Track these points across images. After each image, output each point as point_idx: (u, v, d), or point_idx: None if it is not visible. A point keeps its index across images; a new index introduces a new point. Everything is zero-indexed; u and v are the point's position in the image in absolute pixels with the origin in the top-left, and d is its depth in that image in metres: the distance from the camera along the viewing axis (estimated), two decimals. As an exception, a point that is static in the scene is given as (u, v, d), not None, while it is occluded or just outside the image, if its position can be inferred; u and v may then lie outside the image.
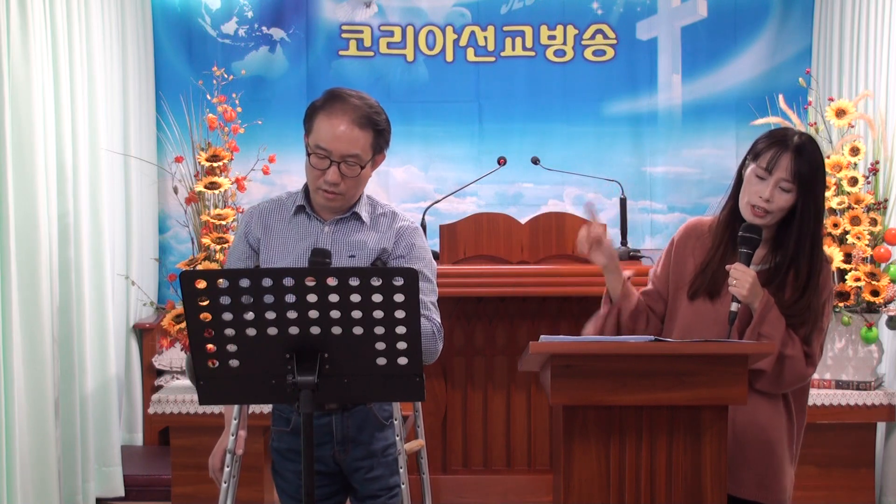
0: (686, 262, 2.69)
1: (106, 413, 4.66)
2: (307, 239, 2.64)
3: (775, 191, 2.55)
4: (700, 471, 2.41)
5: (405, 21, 5.83)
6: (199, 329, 2.14)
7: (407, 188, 5.83)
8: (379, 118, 2.66)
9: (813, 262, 2.58)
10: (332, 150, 2.58)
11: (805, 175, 2.54)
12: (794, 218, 2.57)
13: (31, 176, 3.97)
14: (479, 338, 4.10)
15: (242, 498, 4.01)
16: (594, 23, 5.81)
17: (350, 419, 2.68)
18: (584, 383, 2.38)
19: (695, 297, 2.64)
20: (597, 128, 5.76)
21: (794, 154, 2.54)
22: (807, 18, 5.65)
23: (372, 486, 2.71)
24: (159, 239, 5.65)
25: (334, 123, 2.59)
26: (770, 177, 2.55)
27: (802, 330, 2.57)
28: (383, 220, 2.71)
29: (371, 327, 2.13)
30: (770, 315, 2.54)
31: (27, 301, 3.91)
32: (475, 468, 4.11)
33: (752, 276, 2.54)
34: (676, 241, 2.74)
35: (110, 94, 4.97)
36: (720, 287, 2.61)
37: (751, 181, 2.59)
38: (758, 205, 2.56)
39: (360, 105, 2.62)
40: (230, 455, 2.73)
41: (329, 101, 2.63)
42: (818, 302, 2.59)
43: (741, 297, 2.53)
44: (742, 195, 2.61)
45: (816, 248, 2.59)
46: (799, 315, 2.57)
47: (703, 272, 2.64)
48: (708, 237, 2.69)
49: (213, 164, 4.44)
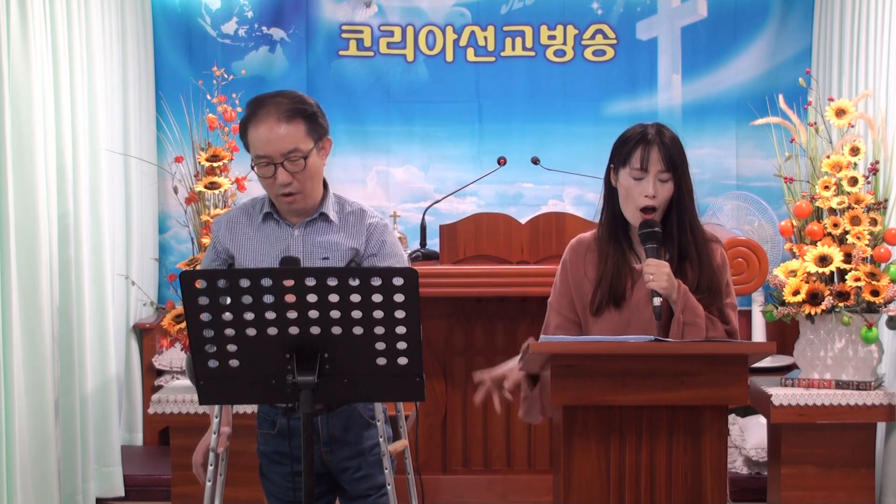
0: (581, 280, 2.71)
1: (106, 413, 4.67)
2: (279, 244, 2.65)
3: (657, 185, 2.59)
4: (700, 471, 2.41)
5: (405, 21, 5.83)
6: (199, 329, 2.14)
7: (407, 188, 5.83)
8: (305, 105, 2.65)
9: (697, 241, 2.64)
10: (271, 154, 2.58)
11: (676, 161, 2.60)
12: (673, 206, 2.63)
13: (31, 176, 3.97)
14: (480, 338, 4.10)
15: (242, 498, 4.01)
16: (594, 23, 5.81)
17: (335, 419, 2.68)
18: (585, 383, 2.39)
19: (600, 312, 2.66)
20: (597, 128, 5.76)
21: (660, 145, 2.60)
22: (807, 18, 5.65)
23: (361, 485, 2.72)
24: (159, 239, 5.65)
25: (262, 129, 2.58)
26: (647, 174, 2.60)
27: (714, 310, 2.62)
28: (352, 219, 2.71)
29: (371, 327, 2.14)
30: (689, 302, 2.58)
31: (27, 301, 3.91)
32: (475, 468, 4.10)
33: (666, 266, 2.57)
34: (568, 263, 2.76)
35: (110, 94, 4.97)
36: (622, 294, 2.65)
37: (629, 185, 2.62)
38: (646, 204, 2.60)
39: (282, 101, 2.62)
40: (213, 454, 2.73)
41: (252, 110, 2.63)
42: (719, 280, 2.64)
43: (661, 289, 2.55)
44: (625, 204, 2.64)
45: (696, 227, 2.65)
46: (705, 295, 2.61)
47: (601, 285, 2.67)
48: (595, 251, 2.71)
49: (213, 165, 4.43)
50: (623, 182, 2.64)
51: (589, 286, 2.69)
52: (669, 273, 2.56)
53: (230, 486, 3.22)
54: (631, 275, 2.65)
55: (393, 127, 5.83)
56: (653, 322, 2.57)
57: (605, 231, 2.71)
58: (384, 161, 5.83)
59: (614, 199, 2.68)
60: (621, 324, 2.64)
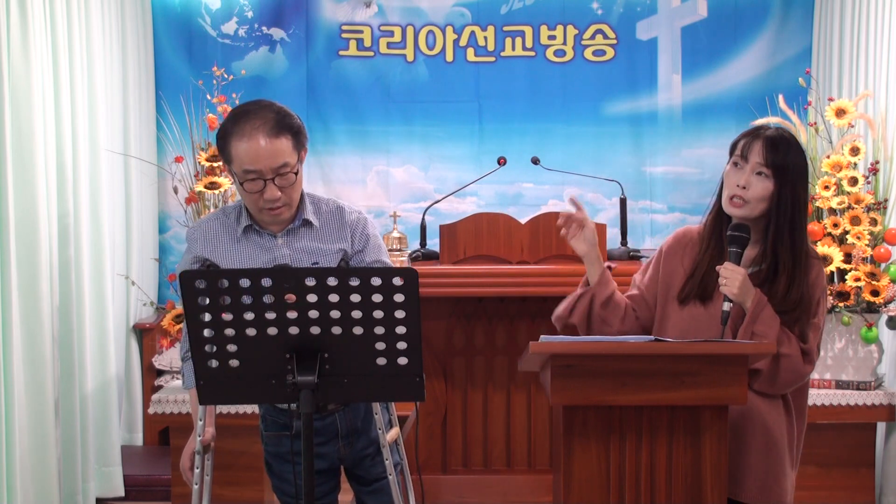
0: (676, 270, 2.69)
1: (106, 413, 4.66)
2: (264, 254, 2.63)
3: (752, 177, 2.55)
4: (700, 471, 2.41)
5: (405, 21, 5.83)
6: (199, 329, 2.14)
7: (407, 188, 5.83)
8: (290, 120, 2.59)
9: (795, 252, 2.57)
10: (262, 169, 2.53)
11: (780, 162, 2.54)
12: (772, 209, 2.57)
13: (31, 176, 3.97)
14: (480, 338, 4.10)
15: (242, 498, 4.02)
16: (594, 23, 5.81)
17: (351, 413, 2.72)
18: (585, 383, 2.39)
19: (686, 302, 2.64)
20: (597, 128, 5.76)
21: (767, 141, 2.56)
22: (807, 18, 5.65)
23: (377, 468, 2.78)
24: (159, 239, 5.65)
25: (252, 144, 2.52)
26: (745, 164, 2.57)
27: (797, 327, 2.56)
28: (332, 219, 2.70)
29: (371, 327, 2.13)
30: (763, 313, 2.53)
31: (27, 301, 3.91)
32: (475, 468, 4.10)
33: (741, 273, 2.53)
34: (665, 250, 2.74)
35: (110, 93, 4.97)
36: (711, 290, 2.61)
37: (729, 174, 2.61)
38: (735, 194, 2.56)
39: (268, 114, 2.56)
40: (199, 456, 2.73)
41: (236, 123, 2.56)
42: (810, 297, 2.57)
43: (732, 295, 2.53)
44: (723, 193, 2.62)
45: (798, 239, 2.58)
46: (791, 311, 2.56)
47: (693, 277, 2.64)
48: (697, 244, 2.69)
49: (213, 164, 4.44)
50: (726, 171, 2.62)
51: (682, 277, 2.66)
52: (744, 280, 2.53)
53: (231, 485, 3.24)
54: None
55: (393, 127, 5.83)
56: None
57: (709, 225, 2.68)
58: (384, 161, 5.83)
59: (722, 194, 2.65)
60: (702, 319, 2.61)
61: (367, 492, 2.83)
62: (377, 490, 2.80)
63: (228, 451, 3.90)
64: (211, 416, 2.79)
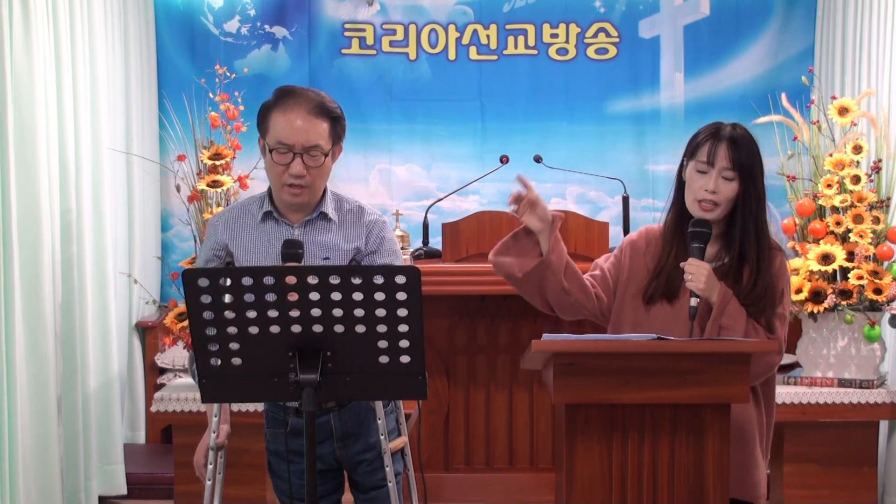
0: (639, 268, 2.71)
1: (108, 411, 4.67)
2: (279, 242, 2.63)
3: (719, 181, 2.58)
4: (703, 469, 2.41)
5: (407, 19, 5.82)
6: (202, 327, 2.14)
7: (409, 186, 5.83)
8: (333, 106, 2.66)
9: (760, 247, 2.62)
10: (294, 143, 2.59)
11: (744, 162, 2.58)
12: (738, 207, 2.61)
13: (33, 173, 3.97)
14: (482, 336, 4.10)
15: (244, 497, 4.01)
16: (596, 21, 5.80)
17: (347, 414, 2.70)
18: (587, 381, 2.39)
19: (652, 302, 2.66)
20: (599, 126, 5.76)
21: (730, 143, 2.59)
22: (809, 16, 5.64)
23: (375, 476, 2.75)
24: (162, 237, 5.65)
25: (291, 118, 2.60)
26: (712, 169, 2.59)
27: (763, 318, 2.60)
28: (350, 217, 2.72)
29: (373, 325, 2.13)
30: (729, 307, 2.56)
31: (29, 299, 3.91)
32: (477, 467, 4.10)
33: (706, 268, 2.56)
34: (631, 244, 2.76)
35: (113, 91, 4.97)
36: (677, 289, 2.64)
37: (693, 178, 2.62)
38: (705, 198, 2.60)
39: (313, 96, 2.64)
40: (213, 452, 2.74)
41: (281, 97, 2.64)
42: (774, 288, 2.62)
43: (698, 290, 2.55)
44: (687, 195, 2.65)
45: (762, 234, 2.63)
46: (757, 303, 2.59)
47: (658, 276, 2.66)
48: (659, 243, 2.70)
49: (215, 163, 4.44)
50: (689, 174, 2.64)
51: (644, 275, 2.68)
52: (709, 275, 2.55)
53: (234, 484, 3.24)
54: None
55: (395, 125, 5.83)
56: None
57: (670, 224, 2.70)
58: (386, 159, 5.83)
59: (682, 193, 2.67)
60: (671, 318, 2.62)
61: (363, 499, 2.80)
62: (373, 499, 2.77)
63: (231, 448, 3.89)
64: (226, 413, 2.79)
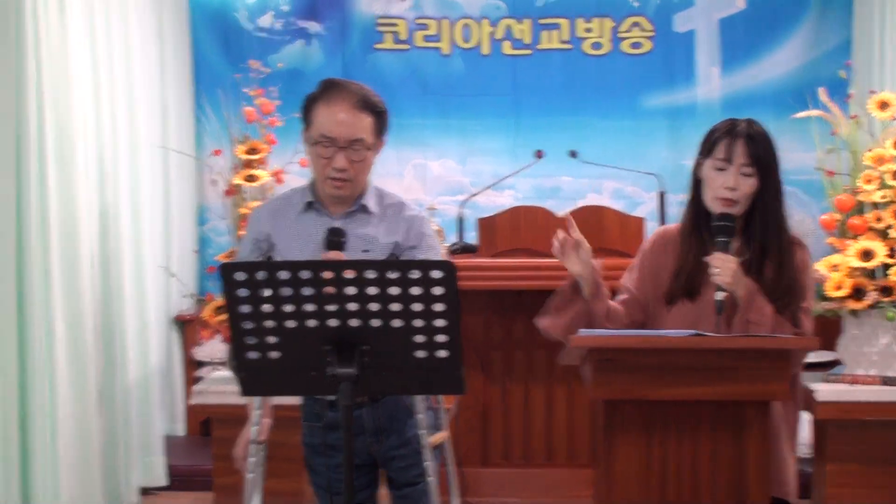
0: (660, 271, 2.69)
1: (148, 403, 4.71)
2: (320, 234, 2.63)
3: (739, 178, 2.57)
4: (744, 467, 2.38)
5: (441, 14, 5.82)
6: (240, 321, 2.15)
7: (443, 182, 5.83)
8: (377, 100, 2.66)
9: (782, 240, 2.61)
10: (337, 137, 2.60)
11: (762, 157, 2.58)
12: (758, 203, 2.60)
13: (71, 170, 4.01)
14: (519, 331, 4.09)
15: (282, 489, 4.03)
16: (631, 15, 5.77)
17: (380, 409, 2.70)
18: (625, 377, 2.37)
19: (673, 302, 2.64)
20: (634, 121, 5.72)
21: (747, 139, 2.58)
22: (846, 9, 5.57)
23: (409, 472, 2.74)
24: (199, 231, 5.69)
25: (335, 110, 2.60)
26: (730, 166, 2.58)
27: (787, 313, 2.57)
28: (391, 211, 2.71)
29: (410, 320, 2.13)
30: (756, 301, 2.54)
31: (69, 294, 3.95)
32: (515, 462, 4.10)
33: (733, 261, 2.54)
34: (647, 252, 2.74)
35: (149, 88, 5.01)
36: (698, 287, 2.62)
37: (712, 176, 2.61)
38: (725, 196, 2.58)
39: (358, 90, 2.64)
40: (254, 445, 2.75)
41: (326, 90, 2.64)
42: (799, 281, 2.60)
43: (726, 284, 2.53)
44: (706, 193, 2.63)
45: (783, 227, 2.62)
46: (782, 297, 2.57)
47: (678, 276, 2.64)
48: (678, 243, 2.68)
49: (251, 157, 4.46)
50: (707, 173, 2.62)
51: (667, 278, 2.67)
52: (736, 269, 2.53)
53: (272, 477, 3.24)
54: (708, 268, 2.60)
55: (429, 120, 5.83)
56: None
57: (688, 223, 2.69)
58: (421, 155, 5.83)
59: (699, 191, 2.65)
60: (693, 316, 2.60)
61: (398, 496, 2.78)
62: (407, 496, 2.76)
63: (269, 442, 3.91)
64: (268, 407, 2.81)
